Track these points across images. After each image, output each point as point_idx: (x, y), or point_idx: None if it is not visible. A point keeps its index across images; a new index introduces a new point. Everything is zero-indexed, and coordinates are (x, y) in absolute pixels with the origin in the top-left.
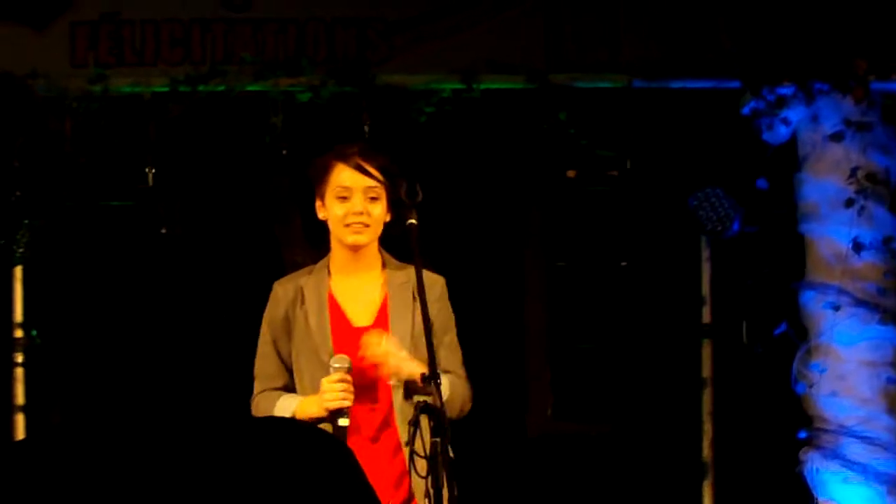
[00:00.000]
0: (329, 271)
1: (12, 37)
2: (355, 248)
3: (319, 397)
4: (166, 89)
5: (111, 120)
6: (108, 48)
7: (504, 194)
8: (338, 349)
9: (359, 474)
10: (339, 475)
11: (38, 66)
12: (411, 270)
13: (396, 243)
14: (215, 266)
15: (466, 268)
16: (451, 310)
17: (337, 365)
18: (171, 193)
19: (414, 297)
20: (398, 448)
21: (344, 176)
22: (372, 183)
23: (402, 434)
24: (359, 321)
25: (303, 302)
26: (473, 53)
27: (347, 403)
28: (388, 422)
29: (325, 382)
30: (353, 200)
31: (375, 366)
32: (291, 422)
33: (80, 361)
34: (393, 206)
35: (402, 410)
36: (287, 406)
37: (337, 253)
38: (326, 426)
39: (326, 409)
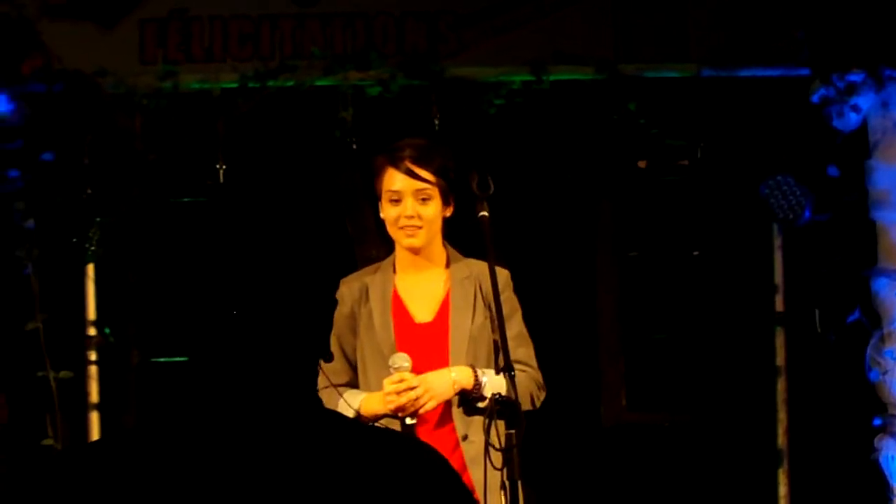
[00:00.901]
0: (394, 269)
1: (81, 35)
2: (412, 250)
3: (382, 397)
4: (235, 85)
5: (180, 117)
6: (177, 45)
7: (575, 185)
8: (400, 346)
9: (457, 481)
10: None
11: (107, 63)
12: (475, 264)
13: (464, 236)
14: (287, 262)
15: (538, 260)
16: (516, 301)
17: (396, 365)
18: (242, 190)
19: (476, 292)
20: (457, 444)
21: (395, 180)
22: (423, 185)
23: (461, 429)
24: (421, 317)
25: (367, 299)
26: (542, 45)
27: (411, 408)
28: (446, 418)
29: (387, 383)
30: (404, 203)
31: (434, 361)
32: (382, 431)
33: (154, 359)
34: (458, 199)
35: (457, 408)
36: (352, 402)
37: (400, 251)
38: (392, 423)
39: (391, 410)
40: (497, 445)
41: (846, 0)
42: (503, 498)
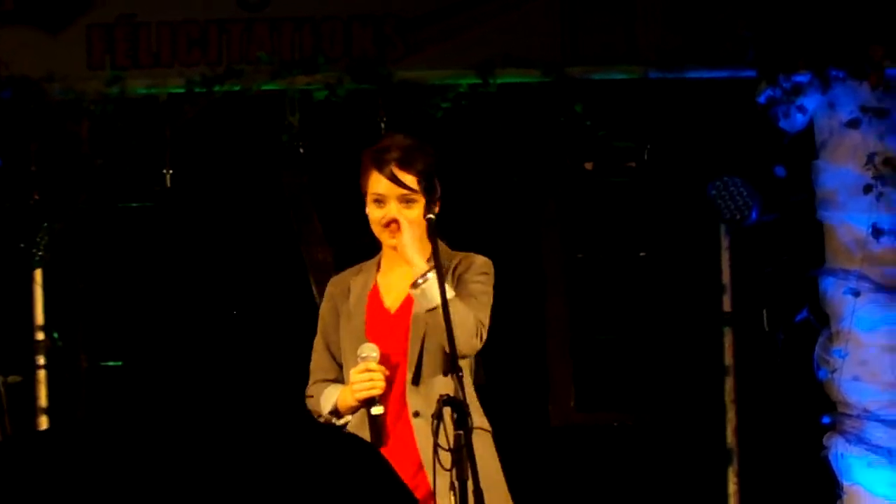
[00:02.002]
0: (379, 266)
1: (28, 40)
2: (396, 250)
3: (350, 388)
4: (182, 90)
5: (128, 122)
6: (124, 50)
7: (522, 187)
8: (370, 333)
9: (391, 476)
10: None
11: (55, 69)
12: (456, 256)
13: (455, 229)
14: (234, 266)
15: None
16: (488, 288)
17: (364, 354)
18: (189, 194)
19: (447, 280)
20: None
21: (379, 184)
22: (406, 191)
23: (411, 405)
24: (391, 306)
25: (348, 297)
26: (489, 48)
27: (376, 392)
28: (403, 405)
29: (353, 373)
30: (387, 206)
31: (397, 347)
32: (317, 425)
33: (102, 363)
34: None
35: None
36: (331, 396)
37: (386, 249)
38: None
39: (357, 400)
40: (445, 446)
41: (792, 1)
42: (453, 498)
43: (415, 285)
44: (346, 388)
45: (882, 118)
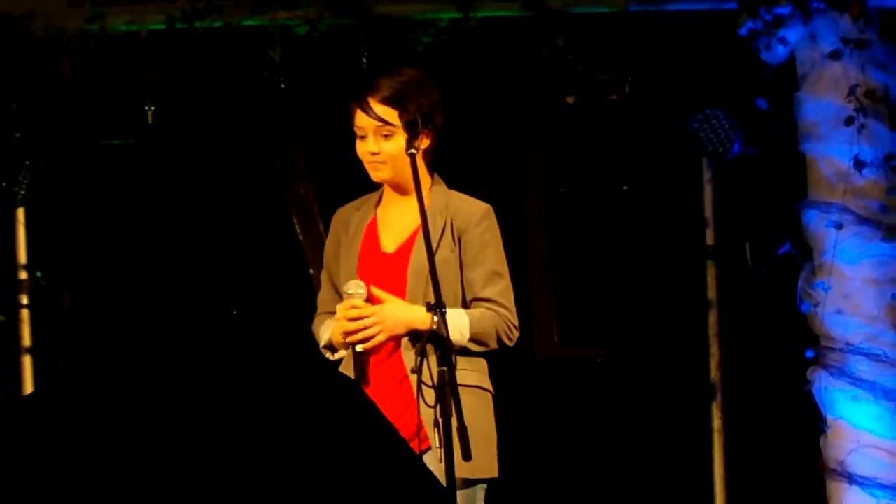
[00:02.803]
0: (380, 200)
1: None
2: (381, 182)
3: (336, 323)
4: (163, 27)
5: (109, 59)
6: None
7: (503, 122)
8: (362, 274)
9: (376, 414)
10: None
11: (35, 7)
12: (455, 198)
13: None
14: (216, 201)
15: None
16: (493, 237)
17: (350, 291)
18: (171, 130)
19: (446, 226)
20: (405, 376)
21: (358, 117)
22: (382, 124)
23: (408, 362)
24: (388, 247)
25: (348, 229)
26: None
27: (355, 329)
28: (396, 349)
29: (339, 309)
30: (367, 140)
31: (392, 292)
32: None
33: (86, 301)
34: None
35: (407, 340)
36: (326, 330)
37: (384, 185)
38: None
39: (341, 335)
40: (430, 383)
41: None
42: (437, 435)
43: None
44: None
45: (863, 49)
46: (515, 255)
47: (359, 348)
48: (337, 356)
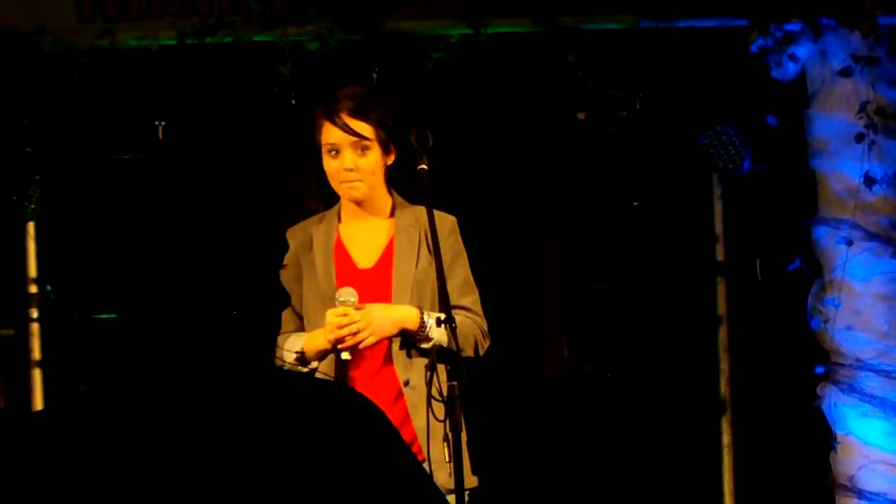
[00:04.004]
0: (339, 217)
1: None
2: (354, 201)
3: (324, 329)
4: (174, 42)
5: (119, 74)
6: (115, 2)
7: (514, 138)
8: None
9: (389, 428)
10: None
11: (45, 21)
12: (421, 211)
13: (410, 183)
14: (227, 216)
15: (478, 212)
16: (461, 247)
17: (342, 298)
18: (181, 146)
19: (420, 239)
20: (399, 392)
21: (331, 133)
22: (359, 139)
23: (402, 374)
24: (363, 263)
25: (311, 248)
26: None
27: (347, 335)
28: (387, 362)
29: (330, 315)
30: (342, 156)
31: (380, 301)
32: (318, 380)
33: (96, 315)
34: (401, 149)
35: (398, 351)
36: (295, 342)
37: (345, 202)
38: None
39: (330, 342)
40: (439, 397)
41: None
42: (446, 449)
43: (425, 339)
44: (315, 333)
45: (874, 66)
46: (526, 270)
47: (345, 355)
48: (308, 368)
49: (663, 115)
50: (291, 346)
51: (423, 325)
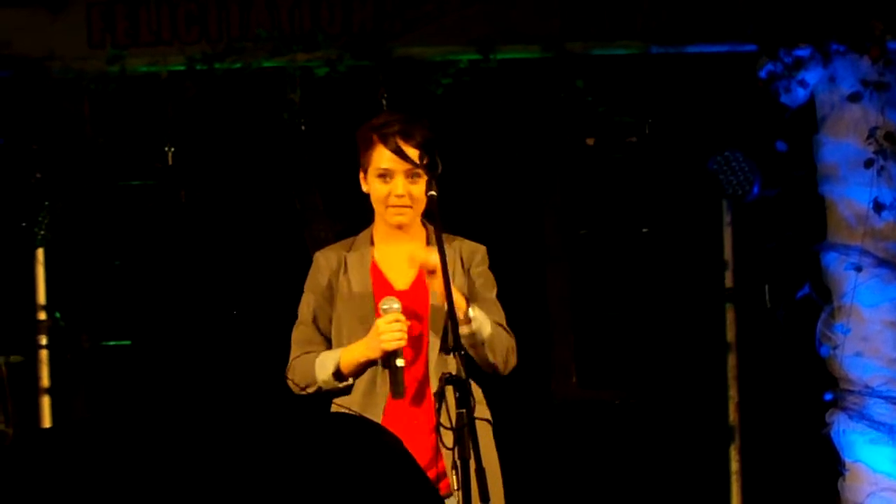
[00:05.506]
0: (372, 241)
1: (29, 19)
2: (399, 227)
3: (374, 339)
4: (183, 68)
5: (129, 100)
6: (125, 29)
7: (523, 164)
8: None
9: (409, 461)
10: (393, 467)
11: (55, 48)
12: (454, 240)
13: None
14: (236, 243)
15: (487, 239)
16: (491, 275)
17: (386, 306)
18: (191, 172)
19: (456, 263)
20: (435, 426)
21: (385, 158)
22: (411, 165)
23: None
24: (400, 285)
25: (346, 270)
26: (489, 24)
27: (403, 343)
28: (424, 392)
29: (382, 323)
30: (394, 182)
31: (413, 327)
32: (336, 415)
33: (104, 342)
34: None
35: (436, 367)
36: (330, 358)
37: (381, 226)
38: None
39: (383, 350)
40: (448, 424)
41: None
42: (454, 477)
43: (467, 321)
44: (355, 345)
45: (883, 92)
46: (535, 296)
47: (399, 362)
48: (344, 385)
49: (672, 140)
50: (324, 365)
51: (467, 315)
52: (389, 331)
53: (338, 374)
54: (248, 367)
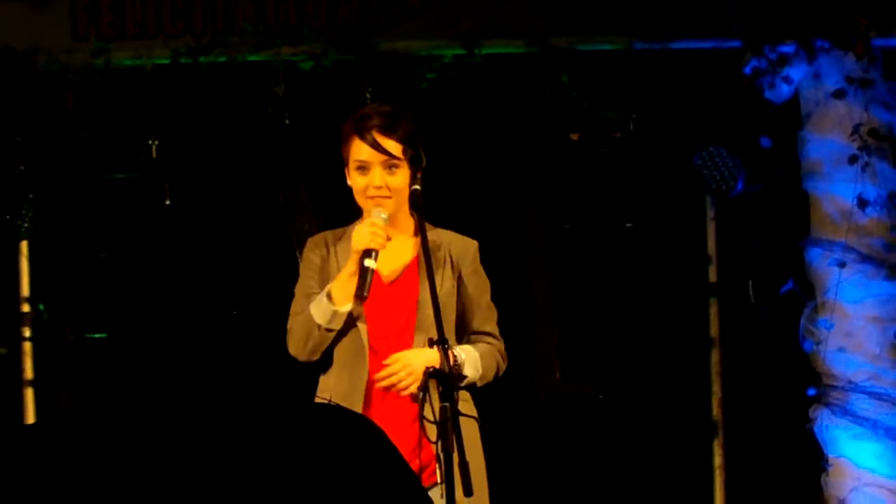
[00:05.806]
0: None
1: (13, 12)
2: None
3: (358, 232)
4: (168, 61)
5: (113, 93)
6: (110, 22)
7: (507, 158)
8: (368, 302)
9: (391, 451)
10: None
11: (40, 41)
12: (444, 234)
13: (429, 206)
14: (220, 236)
15: (471, 233)
16: (484, 273)
17: (374, 213)
18: (175, 165)
19: (446, 258)
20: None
21: (362, 151)
22: (389, 157)
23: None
24: (388, 277)
25: (336, 259)
26: (474, 19)
27: (376, 245)
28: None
29: (358, 227)
30: (371, 174)
31: (401, 321)
32: (316, 405)
33: (89, 335)
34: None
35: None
36: (320, 299)
37: (367, 217)
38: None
39: (356, 250)
40: (431, 418)
41: None
42: (438, 471)
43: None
44: (337, 281)
45: (867, 88)
46: (518, 291)
47: (367, 262)
48: (343, 309)
49: (657, 136)
50: (318, 303)
51: (455, 362)
52: (362, 230)
53: (329, 297)
54: (233, 359)
